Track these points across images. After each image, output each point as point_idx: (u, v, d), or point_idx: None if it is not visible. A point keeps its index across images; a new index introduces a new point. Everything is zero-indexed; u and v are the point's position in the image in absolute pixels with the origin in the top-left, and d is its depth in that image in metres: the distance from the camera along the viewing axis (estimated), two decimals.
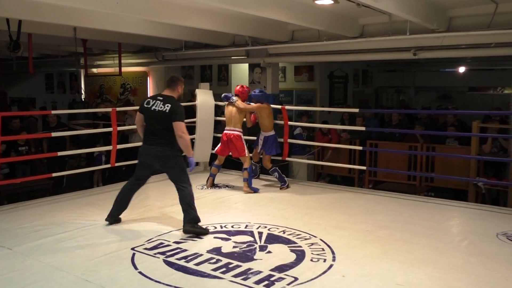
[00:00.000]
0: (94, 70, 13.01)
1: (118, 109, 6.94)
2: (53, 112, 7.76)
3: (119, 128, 6.65)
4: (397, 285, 3.27)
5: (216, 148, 6.52)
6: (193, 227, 4.37)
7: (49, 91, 15.66)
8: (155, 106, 4.50)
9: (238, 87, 6.70)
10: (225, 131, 6.41)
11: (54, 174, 6.43)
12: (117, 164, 6.51)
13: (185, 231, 4.35)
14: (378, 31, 7.54)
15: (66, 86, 15.24)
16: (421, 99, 16.32)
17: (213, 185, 6.52)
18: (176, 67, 11.80)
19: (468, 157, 7.09)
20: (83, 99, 12.98)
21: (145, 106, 4.59)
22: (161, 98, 4.55)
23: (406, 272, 3.48)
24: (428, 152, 7.75)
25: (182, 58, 10.78)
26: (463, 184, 7.22)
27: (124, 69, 11.26)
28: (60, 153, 6.56)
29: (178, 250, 3.92)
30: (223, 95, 6.74)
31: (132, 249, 3.93)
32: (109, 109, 6.67)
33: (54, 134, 6.77)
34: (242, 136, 6.37)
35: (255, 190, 6.19)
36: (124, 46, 10.52)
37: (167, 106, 4.46)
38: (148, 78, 12.07)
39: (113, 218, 4.69)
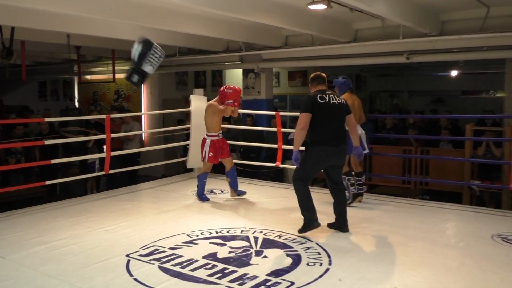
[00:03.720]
0: (88, 77, 12.97)
1: (112, 116, 6.92)
2: (46, 119, 7.67)
3: (113, 135, 6.62)
4: None
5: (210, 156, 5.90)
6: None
7: (42, 98, 15.58)
8: (333, 100, 4.31)
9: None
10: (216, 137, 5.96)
11: (47, 182, 6.38)
12: (111, 171, 6.48)
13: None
14: (371, 35, 7.60)
15: (59, 94, 15.17)
16: (414, 103, 16.42)
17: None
18: (170, 73, 11.79)
19: (462, 160, 7.13)
20: (76, 106, 12.96)
21: (320, 101, 4.26)
22: (329, 92, 4.39)
23: (402, 275, 3.47)
24: (422, 156, 7.78)
25: (176, 64, 10.79)
26: (458, 187, 7.25)
27: (118, 75, 11.23)
28: (53, 161, 6.52)
29: (174, 256, 3.89)
30: None
31: (127, 255, 3.90)
32: (103, 116, 6.65)
33: (47, 142, 6.73)
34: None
35: (203, 199, 5.85)
36: (118, 53, 10.50)
37: (341, 99, 4.42)
38: (142, 84, 12.03)
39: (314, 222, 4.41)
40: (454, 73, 14.48)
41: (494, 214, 5.44)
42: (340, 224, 4.54)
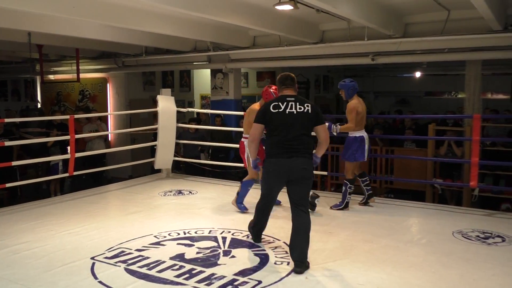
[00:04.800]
0: (51, 77, 12.62)
1: (76, 116, 6.76)
2: (6, 120, 7.40)
3: (77, 136, 6.47)
4: (358, 285, 3.32)
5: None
6: (304, 265, 3.59)
7: (2, 98, 15.06)
8: (292, 108, 3.75)
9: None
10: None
11: (7, 185, 6.16)
12: (76, 173, 6.33)
13: (297, 272, 3.53)
14: (338, 37, 7.72)
15: (20, 94, 14.71)
16: (380, 104, 16.79)
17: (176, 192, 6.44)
18: (137, 73, 11.62)
19: (425, 159, 7.33)
20: (38, 107, 12.58)
21: (273, 110, 3.76)
22: (292, 99, 3.79)
23: (367, 272, 3.54)
24: (387, 155, 7.96)
25: (143, 64, 10.65)
26: (421, 185, 7.45)
27: (82, 75, 10.98)
28: (14, 163, 6.32)
29: (140, 258, 3.84)
30: None
31: (92, 258, 3.82)
32: (66, 117, 6.49)
33: (7, 143, 6.50)
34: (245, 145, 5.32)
35: (240, 208, 5.35)
36: (82, 52, 10.28)
37: (307, 106, 3.78)
38: (108, 84, 11.82)
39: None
40: (417, 74, 14.92)
41: (455, 211, 5.62)
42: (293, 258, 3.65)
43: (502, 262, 3.78)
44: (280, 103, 3.79)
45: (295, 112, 3.75)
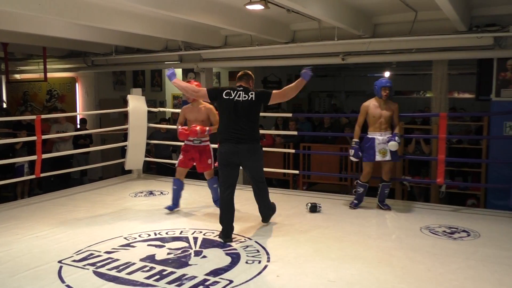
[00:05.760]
0: (17, 76, 12.27)
1: (43, 116, 6.60)
2: None
3: (44, 137, 6.31)
4: (329, 281, 3.36)
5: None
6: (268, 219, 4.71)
7: None
8: (238, 97, 4.26)
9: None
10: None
11: None
12: (43, 175, 6.18)
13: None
14: (309, 36, 7.77)
15: None
16: (351, 103, 17.03)
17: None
18: (107, 72, 11.42)
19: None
20: (4, 107, 12.21)
21: (224, 97, 4.29)
22: (241, 89, 4.32)
23: (337, 269, 3.59)
24: None
25: (113, 63, 10.47)
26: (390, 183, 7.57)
27: (50, 75, 10.72)
28: None
29: (110, 260, 3.77)
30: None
31: (59, 262, 3.73)
32: (33, 117, 6.32)
33: None
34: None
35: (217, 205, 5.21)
36: (49, 51, 10.03)
37: (251, 94, 4.28)
38: (77, 84, 11.57)
39: (229, 235, 4.31)
40: (387, 74, 15.18)
41: (423, 207, 5.75)
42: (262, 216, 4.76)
43: (467, 256, 3.89)
44: (231, 91, 4.32)
45: (241, 101, 4.27)
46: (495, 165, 6.53)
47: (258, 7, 5.57)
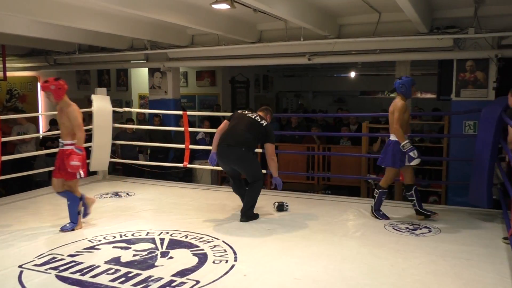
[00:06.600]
0: None
1: (2, 117, 6.38)
2: None
3: (4, 139, 6.10)
4: (295, 279, 3.39)
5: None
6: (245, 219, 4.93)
7: None
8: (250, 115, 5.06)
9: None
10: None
11: None
12: (2, 177, 5.97)
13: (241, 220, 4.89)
14: (275, 36, 7.82)
15: None
16: (318, 103, 17.26)
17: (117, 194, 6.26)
18: (71, 71, 11.14)
19: (359, 156, 7.61)
20: None
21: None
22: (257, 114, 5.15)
23: (303, 267, 3.63)
24: (324, 152, 8.18)
25: (77, 62, 10.22)
26: (356, 181, 7.73)
27: (10, 73, 10.35)
28: None
29: (73, 263, 3.69)
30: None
31: (20, 266, 3.62)
32: None
33: None
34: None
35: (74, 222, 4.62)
36: (9, 49, 9.68)
37: (263, 121, 5.04)
38: (39, 83, 11.23)
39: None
40: (353, 74, 15.47)
41: (387, 205, 5.84)
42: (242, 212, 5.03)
43: (428, 251, 4.01)
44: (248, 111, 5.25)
45: (253, 117, 5.13)
46: (456, 163, 6.74)
47: (224, 6, 5.55)
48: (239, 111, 5.20)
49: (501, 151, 5.06)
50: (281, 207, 5.38)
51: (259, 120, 5.00)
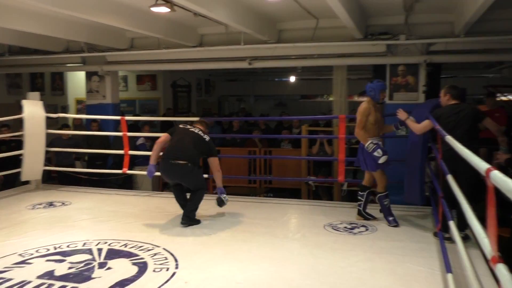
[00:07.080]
0: None
1: None
2: None
3: None
4: (237, 283, 3.40)
5: None
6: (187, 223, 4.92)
7: None
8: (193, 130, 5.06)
9: None
10: None
11: None
12: None
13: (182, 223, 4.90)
14: (216, 41, 7.83)
15: None
16: (260, 106, 17.46)
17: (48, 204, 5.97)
18: (0, 75, 10.52)
19: (299, 158, 7.76)
20: None
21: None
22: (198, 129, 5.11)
23: (245, 270, 3.64)
24: (265, 156, 8.28)
25: (6, 65, 9.68)
26: (297, 183, 7.88)
27: None
28: None
29: (1, 280, 3.47)
30: None
31: None
32: None
33: None
34: None
35: None
36: None
37: (205, 136, 5.05)
38: None
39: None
40: (293, 79, 15.81)
41: (327, 206, 6.05)
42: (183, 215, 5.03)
43: (365, 249, 4.16)
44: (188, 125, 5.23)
45: (195, 132, 5.11)
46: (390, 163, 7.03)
47: (164, 9, 5.49)
48: (180, 126, 5.18)
49: (430, 151, 5.35)
50: (220, 202, 5.20)
51: (202, 135, 5.06)
